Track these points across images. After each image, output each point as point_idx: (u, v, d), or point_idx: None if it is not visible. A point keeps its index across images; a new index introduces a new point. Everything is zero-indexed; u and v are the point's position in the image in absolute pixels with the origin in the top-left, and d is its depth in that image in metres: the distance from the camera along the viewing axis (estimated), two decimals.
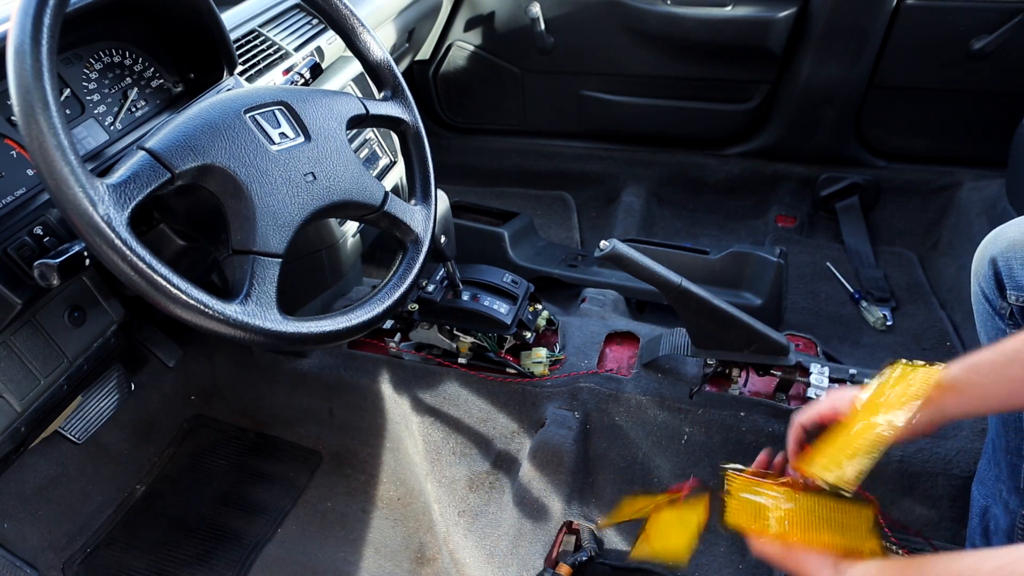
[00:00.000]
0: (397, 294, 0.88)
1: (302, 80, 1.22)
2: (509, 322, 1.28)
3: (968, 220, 1.92)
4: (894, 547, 1.08)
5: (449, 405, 1.38)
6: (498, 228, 1.95)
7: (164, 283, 0.64)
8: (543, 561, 1.20)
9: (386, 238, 1.01)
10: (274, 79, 1.24)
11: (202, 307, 0.66)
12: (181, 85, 1.09)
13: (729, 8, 1.96)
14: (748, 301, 1.69)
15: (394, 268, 0.92)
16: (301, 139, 0.81)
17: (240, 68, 1.14)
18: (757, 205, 2.25)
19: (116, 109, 0.99)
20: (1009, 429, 0.99)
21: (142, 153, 0.68)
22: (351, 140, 1.19)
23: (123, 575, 1.31)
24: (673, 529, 0.95)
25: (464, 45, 2.28)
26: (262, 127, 0.78)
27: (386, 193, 0.89)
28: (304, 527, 1.38)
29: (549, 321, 1.43)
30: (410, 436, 1.41)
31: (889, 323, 1.77)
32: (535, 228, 2.12)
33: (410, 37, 1.99)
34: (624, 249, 1.14)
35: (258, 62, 1.23)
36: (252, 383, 1.54)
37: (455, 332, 1.35)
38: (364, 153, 1.40)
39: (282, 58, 1.29)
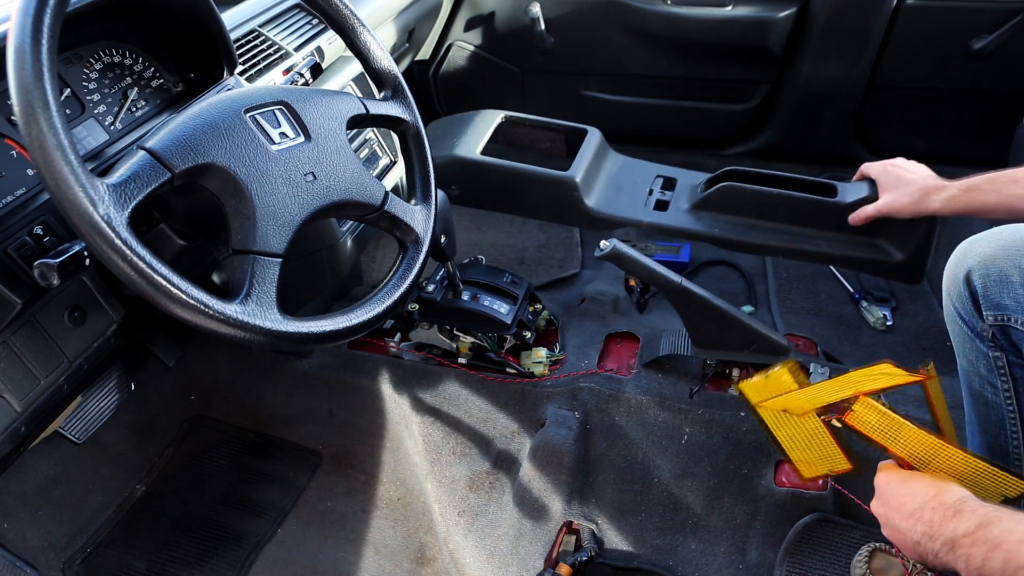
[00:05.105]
0: (397, 294, 0.88)
1: (302, 80, 1.22)
2: (509, 322, 1.28)
3: (968, 220, 1.90)
4: (894, 552, 1.07)
5: (449, 405, 1.38)
6: (565, 173, 1.53)
7: (164, 283, 0.64)
8: (543, 561, 1.20)
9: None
10: (274, 79, 1.24)
11: (202, 307, 0.66)
12: (181, 85, 1.09)
13: (729, 8, 1.96)
14: (889, 255, 1.49)
15: (394, 268, 0.92)
16: (301, 139, 0.81)
17: (240, 68, 1.14)
18: None
19: (116, 109, 0.99)
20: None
21: (142, 153, 0.68)
22: (351, 140, 1.19)
23: (123, 575, 1.31)
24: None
25: (464, 45, 2.28)
26: (262, 127, 0.78)
27: (386, 193, 0.89)
28: (304, 527, 1.38)
29: (549, 321, 1.43)
30: (410, 436, 1.41)
31: (889, 323, 1.77)
32: (607, 145, 1.69)
33: (410, 37, 1.99)
34: (624, 249, 1.15)
35: (258, 62, 1.23)
36: (252, 383, 1.54)
37: (455, 332, 1.35)
38: (364, 153, 1.39)
39: (282, 58, 1.29)
